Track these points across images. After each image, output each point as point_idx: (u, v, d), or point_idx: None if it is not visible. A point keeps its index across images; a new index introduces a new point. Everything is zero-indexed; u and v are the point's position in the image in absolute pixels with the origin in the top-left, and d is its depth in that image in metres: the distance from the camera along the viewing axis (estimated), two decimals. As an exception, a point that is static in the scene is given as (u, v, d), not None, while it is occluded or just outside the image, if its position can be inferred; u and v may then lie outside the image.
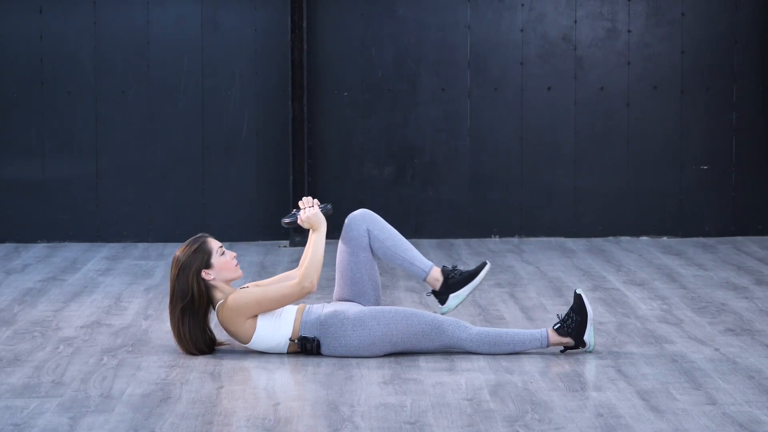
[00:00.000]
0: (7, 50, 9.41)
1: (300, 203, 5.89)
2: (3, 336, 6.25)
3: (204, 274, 5.68)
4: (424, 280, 5.93)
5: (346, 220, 5.98)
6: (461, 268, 6.08)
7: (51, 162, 9.47)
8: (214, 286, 5.72)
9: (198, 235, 5.80)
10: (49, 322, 6.58)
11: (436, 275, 5.92)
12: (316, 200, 5.91)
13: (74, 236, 9.50)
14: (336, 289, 6.00)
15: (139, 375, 5.43)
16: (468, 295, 5.91)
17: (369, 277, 5.93)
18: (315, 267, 5.69)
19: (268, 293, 5.65)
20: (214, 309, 5.74)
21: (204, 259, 5.68)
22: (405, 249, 5.94)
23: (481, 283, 5.91)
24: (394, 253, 5.93)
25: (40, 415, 4.83)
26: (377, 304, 5.96)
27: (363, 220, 5.95)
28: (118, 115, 9.47)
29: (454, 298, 5.89)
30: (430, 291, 5.96)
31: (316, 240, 5.77)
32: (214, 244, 5.74)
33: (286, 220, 5.87)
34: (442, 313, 5.94)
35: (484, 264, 5.91)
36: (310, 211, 5.82)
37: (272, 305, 5.66)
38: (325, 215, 5.86)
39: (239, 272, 5.78)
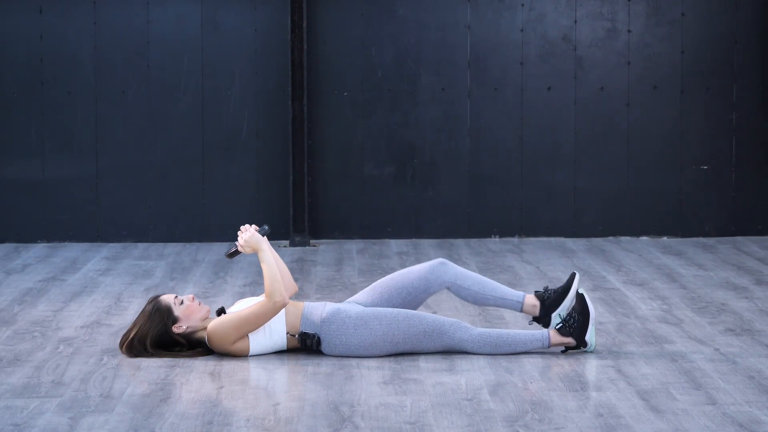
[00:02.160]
0: (7, 50, 9.41)
1: (239, 232, 5.86)
2: (3, 336, 6.25)
3: (176, 329, 5.69)
4: (521, 310, 5.91)
5: (431, 265, 5.94)
6: (551, 287, 6.06)
7: (51, 162, 9.47)
8: (193, 330, 5.73)
9: (149, 299, 5.79)
10: (49, 322, 6.57)
11: (531, 302, 5.90)
12: (253, 225, 5.88)
13: (74, 236, 9.50)
14: (367, 294, 5.97)
15: (139, 375, 5.43)
16: (569, 309, 5.86)
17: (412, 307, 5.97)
18: (277, 282, 5.65)
19: (242, 316, 5.65)
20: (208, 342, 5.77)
21: (162, 318, 5.68)
22: (493, 288, 5.93)
23: (576, 293, 5.87)
24: (484, 296, 5.91)
25: (40, 415, 4.83)
26: None
27: (446, 273, 5.91)
28: (118, 115, 9.47)
29: (556, 316, 5.86)
30: (531, 319, 5.94)
31: (264, 259, 5.72)
32: (168, 298, 5.73)
33: (229, 251, 5.87)
34: None
35: (574, 274, 5.89)
36: (246, 235, 5.79)
37: (251, 327, 5.66)
38: (263, 235, 5.83)
39: (205, 308, 5.77)
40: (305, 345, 5.71)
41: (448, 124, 9.59)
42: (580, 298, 5.74)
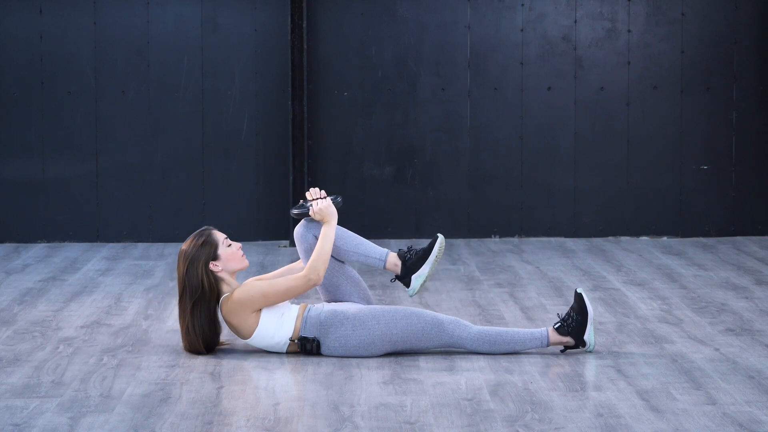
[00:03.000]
0: (7, 50, 9.42)
1: (308, 194, 5.86)
2: (3, 336, 6.25)
3: (212, 266, 5.69)
4: (384, 268, 5.91)
5: (294, 236, 5.94)
6: (416, 247, 6.03)
7: (51, 162, 9.47)
8: (222, 279, 5.72)
9: (202, 228, 5.80)
10: (49, 322, 6.58)
11: (393, 260, 5.89)
12: (323, 191, 5.89)
13: (74, 236, 9.50)
14: (322, 298, 6.00)
15: (139, 375, 5.43)
16: (429, 272, 5.87)
17: (345, 279, 5.92)
18: (323, 259, 5.68)
19: (274, 286, 5.65)
20: (218, 302, 5.74)
21: (211, 252, 5.69)
22: (357, 244, 5.90)
23: (437, 257, 5.86)
24: (346, 251, 5.90)
25: (40, 415, 4.83)
26: (368, 300, 5.95)
27: (308, 229, 5.88)
28: (118, 115, 9.47)
29: (416, 279, 5.87)
30: (394, 277, 5.94)
31: (327, 233, 5.74)
32: (219, 235, 5.75)
33: (296, 212, 5.82)
34: (410, 296, 5.93)
35: (437, 237, 5.89)
36: (322, 203, 5.79)
37: (278, 298, 5.66)
38: (336, 207, 5.84)
39: (246, 262, 5.79)
40: (305, 349, 5.71)
41: (448, 124, 9.59)
42: (578, 297, 5.74)
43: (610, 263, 8.44)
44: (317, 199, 5.85)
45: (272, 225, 9.45)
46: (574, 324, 5.71)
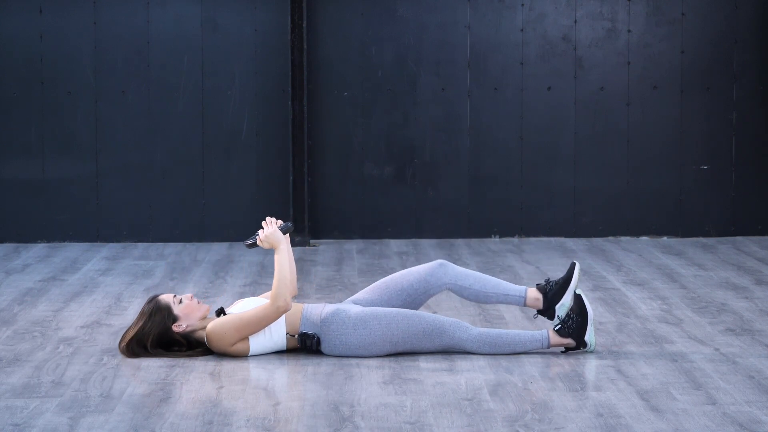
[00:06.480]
0: (7, 50, 9.41)
1: (263, 223, 5.86)
2: (3, 336, 6.25)
3: (176, 328, 5.68)
4: (524, 305, 5.89)
5: (431, 267, 5.91)
6: (553, 279, 6.04)
7: (51, 162, 9.47)
8: (193, 330, 5.72)
9: (147, 300, 5.76)
10: (49, 322, 6.58)
11: (534, 296, 5.88)
12: (279, 220, 5.87)
13: (74, 236, 9.50)
14: (366, 294, 5.94)
15: (139, 375, 5.43)
16: (572, 301, 5.83)
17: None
18: (284, 285, 5.63)
19: (244, 319, 5.63)
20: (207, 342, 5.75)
21: (169, 317, 5.67)
22: (494, 285, 5.90)
23: (577, 284, 5.86)
24: (485, 294, 5.89)
25: (40, 415, 4.83)
26: None
27: (445, 274, 5.88)
28: (118, 115, 9.47)
29: (560, 308, 5.84)
30: (536, 313, 5.91)
31: (278, 259, 5.70)
32: (167, 297, 5.72)
33: (248, 242, 5.83)
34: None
35: (573, 264, 5.89)
36: (268, 230, 5.76)
37: (251, 329, 5.65)
38: (284, 233, 5.82)
39: (205, 307, 5.76)
40: (305, 345, 5.71)
41: (448, 124, 9.59)
42: (577, 298, 5.75)
43: (610, 263, 8.44)
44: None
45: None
46: (574, 325, 5.71)
